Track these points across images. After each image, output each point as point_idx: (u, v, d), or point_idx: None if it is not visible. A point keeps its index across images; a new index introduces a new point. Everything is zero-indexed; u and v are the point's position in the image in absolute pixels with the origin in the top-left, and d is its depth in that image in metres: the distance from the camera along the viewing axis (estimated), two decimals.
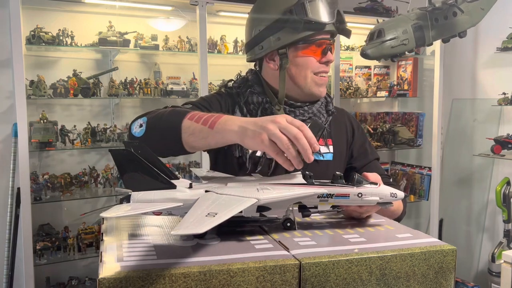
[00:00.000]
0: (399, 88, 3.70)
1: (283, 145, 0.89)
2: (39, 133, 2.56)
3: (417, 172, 3.61)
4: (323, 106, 1.45)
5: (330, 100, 1.48)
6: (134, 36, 2.83)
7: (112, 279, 0.66)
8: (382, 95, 3.67)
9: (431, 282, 0.81)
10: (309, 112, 1.39)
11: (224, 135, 1.00)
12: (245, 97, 1.38)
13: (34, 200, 2.52)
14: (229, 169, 1.31)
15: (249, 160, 1.33)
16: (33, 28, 2.56)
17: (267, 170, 1.33)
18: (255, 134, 0.92)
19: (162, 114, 1.16)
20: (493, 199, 3.15)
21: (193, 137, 1.06)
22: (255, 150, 0.99)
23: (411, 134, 3.64)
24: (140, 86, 2.85)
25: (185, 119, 1.07)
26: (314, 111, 1.40)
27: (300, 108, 1.38)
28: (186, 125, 1.06)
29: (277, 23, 1.32)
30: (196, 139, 1.05)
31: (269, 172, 1.32)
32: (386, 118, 3.75)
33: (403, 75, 3.77)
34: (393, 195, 0.96)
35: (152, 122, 1.15)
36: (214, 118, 1.02)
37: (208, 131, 1.02)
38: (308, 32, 1.29)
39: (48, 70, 2.72)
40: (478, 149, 3.40)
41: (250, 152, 1.33)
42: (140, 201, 0.86)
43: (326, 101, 1.48)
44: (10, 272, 2.62)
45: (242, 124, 0.97)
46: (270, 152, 0.91)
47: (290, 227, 0.92)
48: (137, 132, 1.16)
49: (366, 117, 3.66)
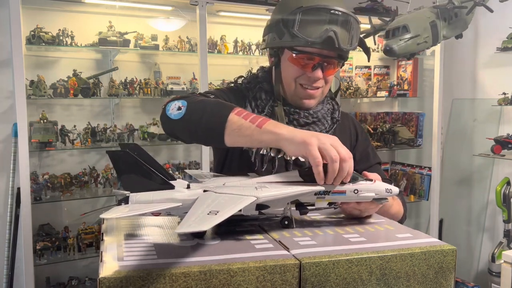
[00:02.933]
0: (399, 88, 3.71)
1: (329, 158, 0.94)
2: (39, 133, 2.56)
3: (417, 172, 3.61)
4: (328, 112, 1.44)
5: (337, 108, 1.48)
6: (134, 36, 2.83)
7: (112, 278, 0.66)
8: (382, 95, 3.67)
9: (431, 282, 0.81)
10: (314, 116, 1.38)
11: (271, 136, 1.03)
12: (254, 92, 1.40)
13: (34, 200, 2.52)
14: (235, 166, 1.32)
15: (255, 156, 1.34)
16: (33, 28, 2.56)
17: (270, 168, 1.34)
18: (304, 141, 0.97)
19: (206, 103, 1.16)
20: (493, 199, 3.15)
21: (238, 132, 1.07)
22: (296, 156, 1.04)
23: (411, 134, 3.64)
24: (140, 86, 2.85)
25: (232, 113, 1.09)
26: (319, 116, 1.39)
27: (305, 111, 1.38)
28: (233, 119, 1.08)
29: (276, 23, 1.33)
30: (241, 134, 1.07)
31: (274, 170, 1.33)
32: (386, 118, 3.75)
33: (403, 75, 3.77)
34: (388, 190, 0.97)
35: (195, 108, 1.15)
36: (262, 119, 1.06)
37: (256, 129, 1.05)
38: (291, 43, 1.29)
39: (48, 70, 2.72)
40: (478, 149, 3.40)
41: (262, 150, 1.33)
42: (139, 202, 0.87)
43: (333, 108, 1.47)
44: (10, 272, 2.62)
45: (291, 130, 1.02)
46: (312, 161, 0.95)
47: (288, 225, 0.93)
48: (173, 114, 1.16)
49: (366, 117, 3.66)
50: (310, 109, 1.39)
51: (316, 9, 1.26)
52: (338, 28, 1.26)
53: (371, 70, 3.72)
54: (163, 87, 2.89)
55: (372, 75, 3.73)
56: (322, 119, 1.40)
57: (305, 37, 1.26)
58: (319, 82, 1.34)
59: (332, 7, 1.26)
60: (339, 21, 1.26)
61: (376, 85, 3.68)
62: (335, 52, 1.30)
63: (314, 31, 1.26)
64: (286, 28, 1.29)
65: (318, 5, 1.26)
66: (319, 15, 1.26)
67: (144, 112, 3.00)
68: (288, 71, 1.36)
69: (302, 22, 1.26)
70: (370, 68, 3.71)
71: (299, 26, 1.27)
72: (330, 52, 1.30)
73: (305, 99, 1.36)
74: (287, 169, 1.33)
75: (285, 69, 1.36)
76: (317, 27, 1.26)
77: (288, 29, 1.28)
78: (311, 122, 1.37)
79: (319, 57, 1.30)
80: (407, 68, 3.72)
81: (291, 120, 1.37)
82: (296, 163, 1.33)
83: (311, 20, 1.26)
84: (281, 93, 1.38)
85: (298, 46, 1.29)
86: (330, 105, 1.47)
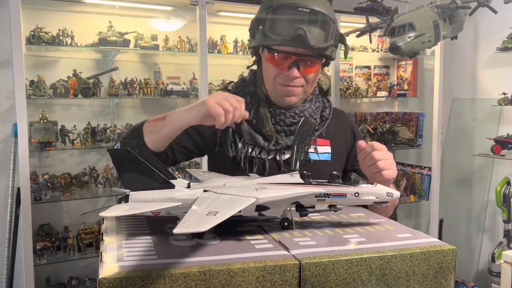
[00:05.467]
0: (399, 88, 3.70)
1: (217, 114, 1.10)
2: (39, 133, 2.56)
3: (417, 172, 3.61)
4: (317, 111, 1.44)
5: (328, 106, 1.48)
6: (134, 36, 2.82)
7: (112, 279, 0.66)
8: (382, 95, 3.67)
9: (431, 282, 0.81)
10: (300, 115, 1.39)
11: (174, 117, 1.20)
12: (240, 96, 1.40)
13: (34, 200, 2.52)
14: (225, 170, 1.32)
15: (244, 160, 1.35)
16: (33, 28, 2.56)
17: (262, 170, 1.34)
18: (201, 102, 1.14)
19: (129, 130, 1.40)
20: (493, 199, 3.15)
21: (152, 134, 1.24)
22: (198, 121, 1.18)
23: (411, 134, 3.64)
24: (140, 86, 2.85)
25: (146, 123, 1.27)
26: (306, 114, 1.40)
27: (291, 111, 1.39)
28: (146, 126, 1.26)
29: (252, 23, 1.36)
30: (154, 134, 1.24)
31: (265, 172, 1.34)
32: (386, 118, 3.74)
33: (403, 75, 3.76)
34: (389, 194, 0.97)
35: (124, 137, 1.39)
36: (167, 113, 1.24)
37: (162, 122, 1.22)
38: (264, 42, 1.31)
39: (48, 70, 2.72)
40: (478, 149, 3.40)
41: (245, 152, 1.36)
42: (139, 201, 0.87)
43: (324, 106, 1.47)
44: (10, 272, 2.62)
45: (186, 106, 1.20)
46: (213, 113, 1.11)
47: (288, 226, 0.93)
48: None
49: (366, 117, 3.66)
50: (296, 108, 1.39)
51: (285, 7, 1.26)
52: (309, 26, 1.25)
53: (371, 70, 3.71)
54: (163, 87, 2.89)
55: (372, 75, 3.72)
56: (309, 117, 1.41)
57: (275, 36, 1.27)
58: (298, 81, 1.34)
59: (301, 4, 1.25)
60: (310, 18, 1.26)
61: (376, 85, 3.68)
62: (308, 50, 1.29)
63: (283, 30, 1.26)
64: (259, 28, 1.31)
65: (287, 3, 1.26)
66: (288, 13, 1.26)
67: (144, 112, 3.00)
68: (267, 71, 1.37)
69: (272, 21, 1.27)
70: (370, 68, 3.71)
71: (270, 25, 1.28)
72: (305, 51, 1.29)
73: (285, 96, 1.37)
74: (280, 170, 1.34)
75: (265, 69, 1.38)
76: (287, 25, 1.26)
77: (260, 29, 1.30)
78: (297, 121, 1.37)
79: (294, 55, 1.30)
80: (407, 68, 3.72)
81: (278, 121, 1.38)
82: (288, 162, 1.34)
83: (281, 18, 1.27)
84: (264, 94, 1.40)
85: (273, 45, 1.29)
86: (320, 103, 1.47)
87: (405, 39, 2.21)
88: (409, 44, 2.22)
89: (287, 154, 1.36)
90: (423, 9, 2.36)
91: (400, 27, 2.24)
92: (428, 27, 2.26)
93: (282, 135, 1.37)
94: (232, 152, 1.36)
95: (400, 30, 2.24)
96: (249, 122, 1.37)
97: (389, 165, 1.20)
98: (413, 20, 2.25)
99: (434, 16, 2.29)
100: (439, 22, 2.28)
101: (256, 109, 1.38)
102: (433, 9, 2.32)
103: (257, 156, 1.36)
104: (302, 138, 1.08)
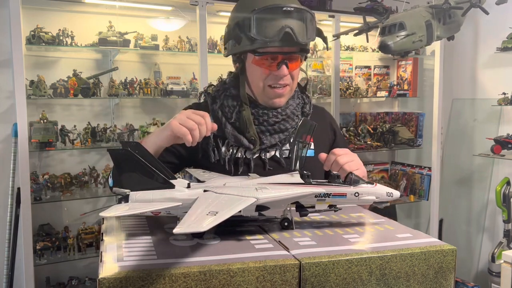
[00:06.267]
0: (399, 88, 3.70)
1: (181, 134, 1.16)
2: (39, 133, 2.56)
3: (417, 172, 3.61)
4: (298, 108, 1.47)
5: (308, 102, 1.51)
6: (134, 36, 2.82)
7: (112, 279, 0.66)
8: (382, 95, 3.67)
9: (431, 282, 0.81)
10: (283, 114, 1.41)
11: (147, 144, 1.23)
12: (221, 100, 1.45)
13: (34, 200, 2.52)
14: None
15: (229, 163, 1.38)
16: (33, 28, 2.56)
17: (247, 170, 1.37)
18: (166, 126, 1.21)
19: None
20: (493, 199, 3.15)
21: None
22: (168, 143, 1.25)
23: (411, 134, 3.64)
24: (140, 86, 2.85)
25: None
26: (288, 113, 1.42)
27: (274, 111, 1.41)
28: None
29: (233, 29, 1.37)
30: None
31: (251, 171, 1.36)
32: (386, 118, 3.75)
33: (403, 75, 3.76)
34: (389, 194, 0.97)
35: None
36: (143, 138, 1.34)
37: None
38: (252, 46, 1.33)
39: (48, 70, 2.72)
40: (478, 149, 3.40)
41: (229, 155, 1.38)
42: (139, 201, 0.87)
43: (304, 102, 1.50)
44: (10, 272, 2.62)
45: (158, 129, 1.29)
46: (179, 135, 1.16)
47: (288, 226, 0.93)
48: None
49: (366, 117, 3.66)
50: (279, 107, 1.42)
51: (269, 9, 1.30)
52: (294, 23, 1.30)
53: (371, 70, 3.72)
54: (163, 87, 2.89)
55: (372, 75, 3.72)
56: (291, 115, 1.43)
57: (263, 38, 1.30)
58: (286, 79, 1.38)
59: (284, 4, 1.30)
60: (294, 16, 1.31)
61: (376, 85, 3.68)
62: (296, 47, 1.34)
63: (271, 31, 1.29)
64: (244, 33, 1.33)
65: (271, 5, 1.31)
66: (273, 14, 1.30)
67: (144, 112, 3.00)
68: (254, 74, 1.39)
69: (258, 24, 1.30)
70: (370, 68, 3.71)
71: (256, 28, 1.30)
72: (290, 48, 1.34)
73: (275, 99, 1.40)
74: (265, 169, 1.37)
75: (252, 73, 1.40)
76: (273, 26, 1.29)
77: (246, 33, 1.32)
78: (280, 120, 1.41)
79: (281, 54, 1.34)
80: (407, 68, 3.72)
81: (261, 122, 1.40)
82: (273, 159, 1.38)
83: (266, 20, 1.30)
84: (247, 97, 1.42)
85: (260, 48, 1.33)
86: (300, 99, 1.50)
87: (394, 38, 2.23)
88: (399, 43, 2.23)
89: (272, 152, 1.40)
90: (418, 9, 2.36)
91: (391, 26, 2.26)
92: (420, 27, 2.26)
93: (266, 135, 1.40)
94: (215, 157, 1.39)
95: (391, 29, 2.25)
96: (232, 124, 1.40)
97: (355, 165, 1.24)
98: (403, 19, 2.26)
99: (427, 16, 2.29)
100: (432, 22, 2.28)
101: (239, 112, 1.41)
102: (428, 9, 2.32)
103: (242, 156, 1.39)
104: (302, 139, 1.09)
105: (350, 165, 1.23)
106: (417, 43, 2.26)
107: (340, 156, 1.24)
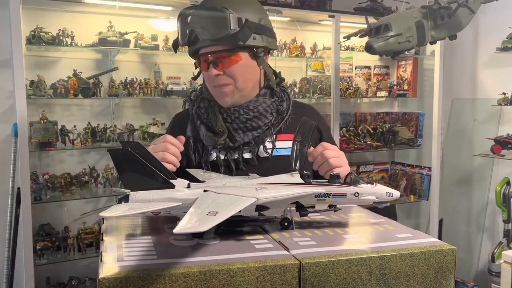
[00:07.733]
0: (399, 88, 3.70)
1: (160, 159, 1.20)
2: (39, 133, 2.56)
3: (417, 172, 3.61)
4: (272, 106, 1.44)
5: (285, 99, 1.48)
6: (134, 36, 2.82)
7: (112, 279, 0.66)
8: (382, 95, 3.67)
9: (431, 282, 0.81)
10: (254, 111, 1.41)
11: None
12: (198, 103, 1.49)
13: (34, 200, 2.52)
14: None
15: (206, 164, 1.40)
16: (33, 28, 2.56)
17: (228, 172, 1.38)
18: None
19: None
20: (493, 199, 3.16)
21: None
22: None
23: (411, 134, 3.64)
24: (140, 86, 2.85)
25: None
26: (260, 110, 1.42)
27: (245, 108, 1.41)
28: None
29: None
30: None
31: (233, 172, 1.38)
32: (386, 118, 3.75)
33: (403, 75, 3.77)
34: (389, 194, 0.97)
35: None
36: None
37: None
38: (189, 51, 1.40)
39: (48, 70, 2.72)
40: (478, 149, 3.40)
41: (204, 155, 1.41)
42: (139, 201, 0.87)
43: (281, 99, 1.47)
44: (10, 272, 2.62)
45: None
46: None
47: (288, 226, 0.93)
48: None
49: (366, 117, 3.66)
50: (250, 104, 1.42)
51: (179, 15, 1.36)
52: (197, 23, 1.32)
53: (371, 70, 3.72)
54: (163, 87, 2.89)
55: (372, 75, 3.72)
56: (264, 112, 1.43)
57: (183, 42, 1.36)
58: (223, 79, 1.38)
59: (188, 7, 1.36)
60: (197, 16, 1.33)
61: (376, 85, 3.68)
62: (220, 45, 1.33)
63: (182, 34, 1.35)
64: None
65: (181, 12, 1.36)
66: (181, 17, 1.35)
67: (144, 112, 3.00)
68: (202, 76, 1.47)
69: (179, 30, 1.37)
70: (370, 68, 3.71)
71: (181, 36, 1.37)
72: (216, 47, 1.34)
73: (220, 99, 1.42)
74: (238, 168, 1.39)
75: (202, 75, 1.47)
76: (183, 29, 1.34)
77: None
78: (252, 116, 1.41)
79: (204, 55, 1.37)
80: (407, 68, 3.72)
81: (233, 119, 1.41)
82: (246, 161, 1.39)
83: (180, 25, 1.36)
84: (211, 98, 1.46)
85: (190, 52, 1.40)
86: (277, 97, 1.47)
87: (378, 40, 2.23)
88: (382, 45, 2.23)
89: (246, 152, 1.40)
90: (410, 10, 2.36)
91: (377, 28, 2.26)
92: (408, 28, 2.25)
93: (239, 133, 1.41)
94: (196, 160, 1.41)
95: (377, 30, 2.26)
96: (206, 126, 1.43)
97: (339, 162, 1.24)
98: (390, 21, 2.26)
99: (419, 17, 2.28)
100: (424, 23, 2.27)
101: (211, 112, 1.44)
102: (421, 10, 2.32)
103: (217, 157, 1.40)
104: (301, 139, 1.08)
105: (335, 160, 1.24)
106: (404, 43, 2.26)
107: (328, 150, 1.25)
